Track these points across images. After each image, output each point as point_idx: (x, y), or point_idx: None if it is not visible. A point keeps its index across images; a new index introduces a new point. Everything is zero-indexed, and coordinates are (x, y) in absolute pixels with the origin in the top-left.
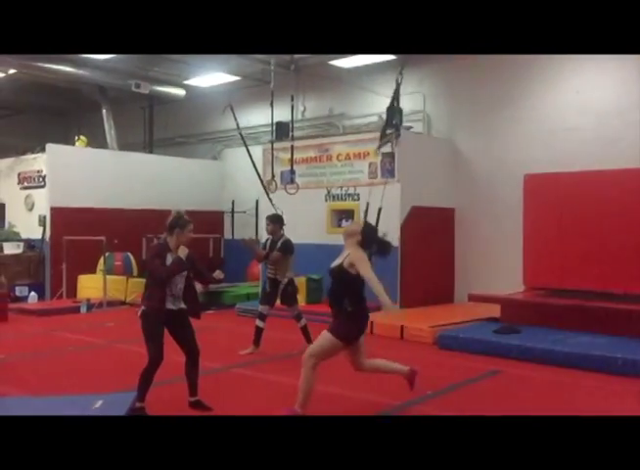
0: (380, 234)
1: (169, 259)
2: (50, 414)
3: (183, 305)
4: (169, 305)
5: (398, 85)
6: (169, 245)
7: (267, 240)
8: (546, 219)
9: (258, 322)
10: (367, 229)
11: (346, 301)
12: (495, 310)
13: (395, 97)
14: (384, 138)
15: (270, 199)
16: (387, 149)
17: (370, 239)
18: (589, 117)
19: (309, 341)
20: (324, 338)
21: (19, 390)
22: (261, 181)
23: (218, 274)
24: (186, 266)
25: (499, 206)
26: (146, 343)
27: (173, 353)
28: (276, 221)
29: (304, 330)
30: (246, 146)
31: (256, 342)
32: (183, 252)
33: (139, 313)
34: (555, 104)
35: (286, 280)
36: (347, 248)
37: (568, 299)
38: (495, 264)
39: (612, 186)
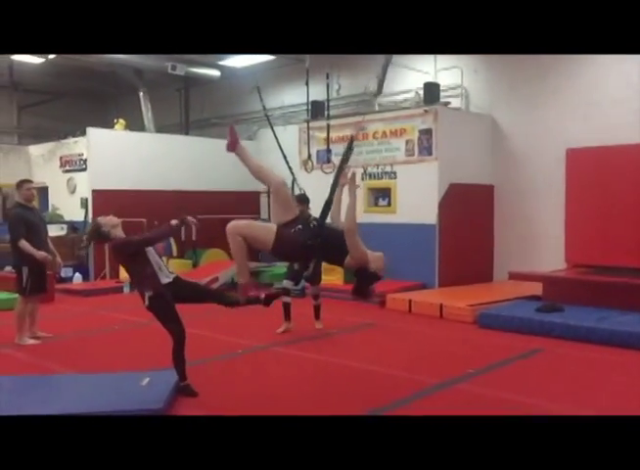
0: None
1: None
2: (98, 391)
3: (174, 274)
4: (165, 279)
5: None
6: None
7: None
8: (589, 195)
9: (284, 298)
10: (371, 276)
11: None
12: (536, 289)
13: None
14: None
15: (295, 179)
16: (425, 125)
17: (362, 275)
18: (632, 88)
19: (317, 317)
20: (265, 223)
21: (68, 368)
22: (287, 163)
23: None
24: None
25: (540, 182)
26: (164, 324)
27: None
28: (303, 201)
29: (317, 308)
30: (272, 128)
31: (287, 317)
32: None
33: (146, 303)
34: (597, 76)
35: (315, 259)
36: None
37: (611, 276)
38: (536, 242)
39: None
